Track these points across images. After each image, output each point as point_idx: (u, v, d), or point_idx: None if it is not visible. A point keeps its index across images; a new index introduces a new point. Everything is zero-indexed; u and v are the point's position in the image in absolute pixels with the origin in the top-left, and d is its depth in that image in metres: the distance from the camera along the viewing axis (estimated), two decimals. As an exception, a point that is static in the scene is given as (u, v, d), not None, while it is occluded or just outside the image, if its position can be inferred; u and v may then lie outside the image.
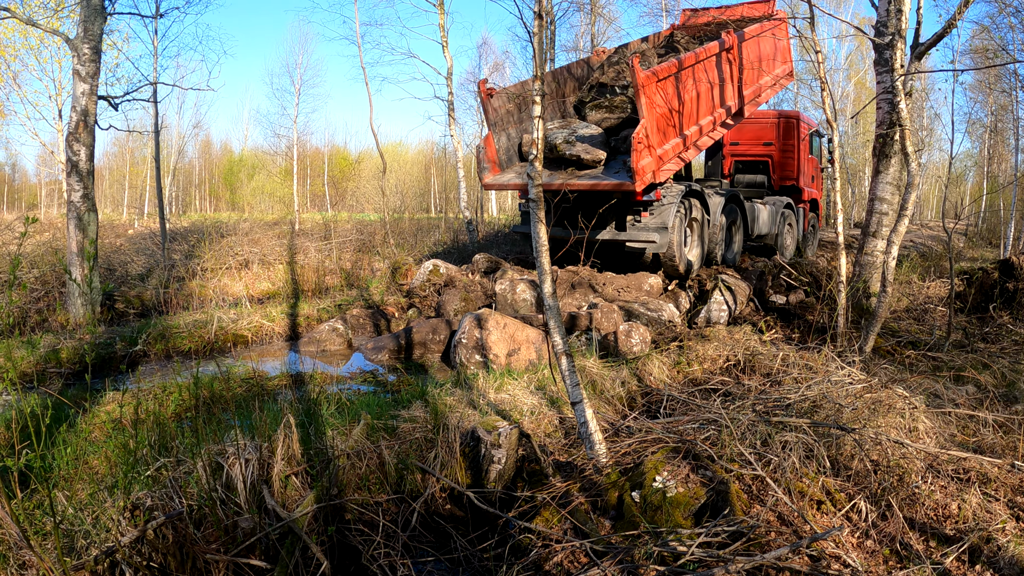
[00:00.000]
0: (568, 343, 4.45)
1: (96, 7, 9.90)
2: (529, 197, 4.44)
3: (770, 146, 15.79)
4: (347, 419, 5.32)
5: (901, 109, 8.23)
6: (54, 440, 4.97)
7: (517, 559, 3.89)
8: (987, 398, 6.59)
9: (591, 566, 3.63)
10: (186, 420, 5.87)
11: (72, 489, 4.28)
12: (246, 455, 4.18)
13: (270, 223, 21.60)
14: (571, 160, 10.23)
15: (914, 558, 3.84)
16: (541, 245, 4.40)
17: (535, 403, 6.00)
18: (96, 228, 10.41)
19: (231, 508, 3.95)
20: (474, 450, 4.81)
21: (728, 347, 8.17)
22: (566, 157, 10.21)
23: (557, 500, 4.31)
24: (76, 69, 10.01)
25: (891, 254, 8.12)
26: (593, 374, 6.92)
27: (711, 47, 10.92)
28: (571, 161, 10.25)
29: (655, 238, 10.45)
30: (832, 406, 5.53)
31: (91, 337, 8.92)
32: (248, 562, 3.71)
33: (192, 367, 8.20)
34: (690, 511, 4.02)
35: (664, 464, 4.21)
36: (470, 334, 7.80)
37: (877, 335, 8.31)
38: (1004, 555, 3.86)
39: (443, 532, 4.52)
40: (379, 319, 10.19)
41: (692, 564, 3.55)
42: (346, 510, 4.40)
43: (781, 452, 4.71)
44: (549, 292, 4.40)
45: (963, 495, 4.42)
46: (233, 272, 13.37)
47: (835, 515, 4.35)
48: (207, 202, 49.41)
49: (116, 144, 38.65)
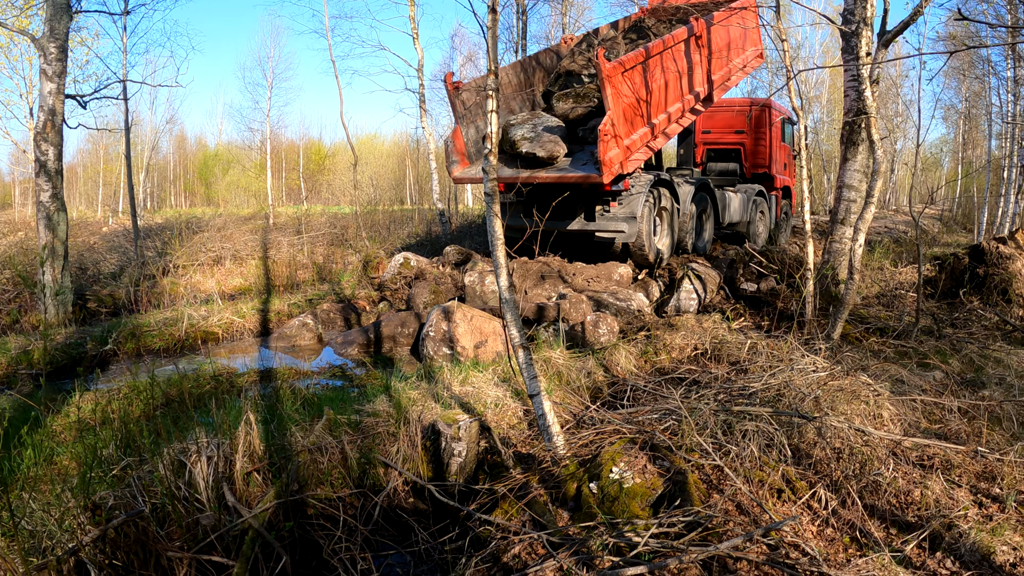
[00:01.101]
0: (525, 336, 4.48)
1: (61, 5, 9.78)
2: (485, 192, 4.46)
3: (742, 134, 15.88)
4: (310, 415, 5.35)
5: (866, 97, 8.30)
6: (22, 442, 4.96)
7: (476, 551, 3.93)
8: (953, 384, 6.70)
9: (548, 557, 3.67)
10: (154, 419, 5.85)
11: (39, 490, 4.30)
12: (208, 453, 4.20)
13: (245, 218, 21.49)
14: (527, 157, 10.19)
15: (874, 545, 3.88)
16: (496, 239, 4.43)
17: (499, 395, 6.03)
18: (66, 227, 10.32)
19: (194, 506, 3.98)
20: (435, 444, 4.85)
21: (696, 336, 8.21)
22: (522, 154, 10.18)
23: (516, 492, 4.36)
24: (43, 68, 9.90)
25: (858, 241, 8.19)
26: (559, 365, 6.95)
27: (678, 34, 10.92)
28: (528, 158, 10.22)
29: (624, 228, 10.49)
30: (795, 394, 5.56)
31: (62, 337, 8.87)
32: (210, 559, 3.74)
33: (162, 365, 8.20)
34: (647, 502, 4.07)
35: (621, 455, 4.27)
36: (437, 327, 7.82)
37: (846, 322, 8.39)
38: (965, 542, 3.90)
39: (406, 525, 4.55)
40: (350, 313, 10.19)
41: (647, 555, 3.60)
42: (308, 505, 4.42)
43: (741, 441, 4.75)
44: (505, 286, 4.43)
45: (926, 482, 4.47)
46: (205, 268, 13.31)
47: (795, 503, 4.39)
48: (182, 198, 48.92)
49: (90, 141, 38.23)
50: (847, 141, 9.79)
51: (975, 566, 3.72)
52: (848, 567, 3.70)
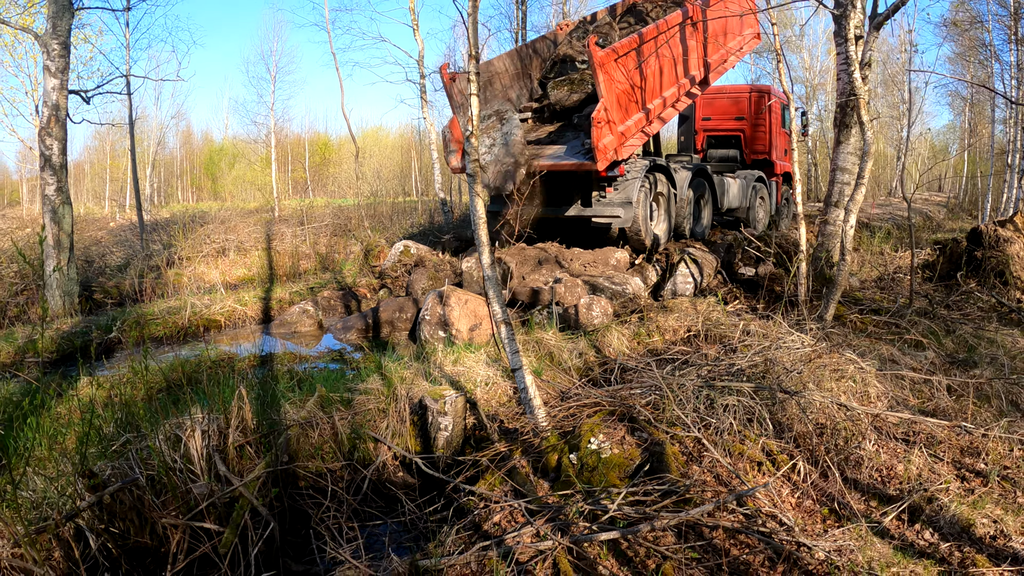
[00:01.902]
0: (508, 313, 4.61)
1: (63, 3, 9.95)
2: (467, 172, 4.59)
3: (742, 120, 15.92)
4: (304, 393, 5.50)
5: (856, 79, 8.35)
6: (29, 423, 5.13)
7: (459, 520, 4.06)
8: (945, 363, 6.78)
9: (526, 524, 3.81)
10: (155, 400, 6.03)
11: (42, 465, 4.47)
12: (202, 427, 4.36)
13: (251, 211, 21.71)
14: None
15: (852, 517, 3.97)
16: (479, 218, 4.55)
17: (490, 374, 6.16)
18: (71, 220, 10.52)
19: (188, 477, 4.13)
20: (422, 419, 5.00)
21: (689, 318, 8.32)
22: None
23: (499, 464, 4.50)
24: (46, 65, 10.08)
25: (849, 223, 8.25)
26: (551, 346, 7.09)
27: (672, 18, 10.96)
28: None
29: (619, 213, 10.58)
30: (778, 371, 5.67)
31: (67, 327, 9.06)
32: (202, 525, 3.89)
33: (165, 352, 8.39)
34: (625, 472, 4.19)
35: (600, 427, 4.40)
36: (433, 311, 7.96)
37: (841, 304, 8.46)
38: (945, 514, 3.98)
39: (394, 498, 4.70)
40: (350, 300, 10.35)
41: (621, 521, 3.73)
42: (299, 477, 4.58)
43: (722, 415, 4.85)
44: (487, 263, 4.56)
45: (909, 456, 4.56)
46: (209, 260, 13.50)
47: (775, 476, 4.49)
48: (189, 192, 49.28)
49: (96, 138, 38.56)
50: (840, 124, 9.86)
51: (954, 538, 3.80)
52: (825, 536, 3.80)
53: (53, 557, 3.71)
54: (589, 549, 3.59)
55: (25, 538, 3.44)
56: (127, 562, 3.82)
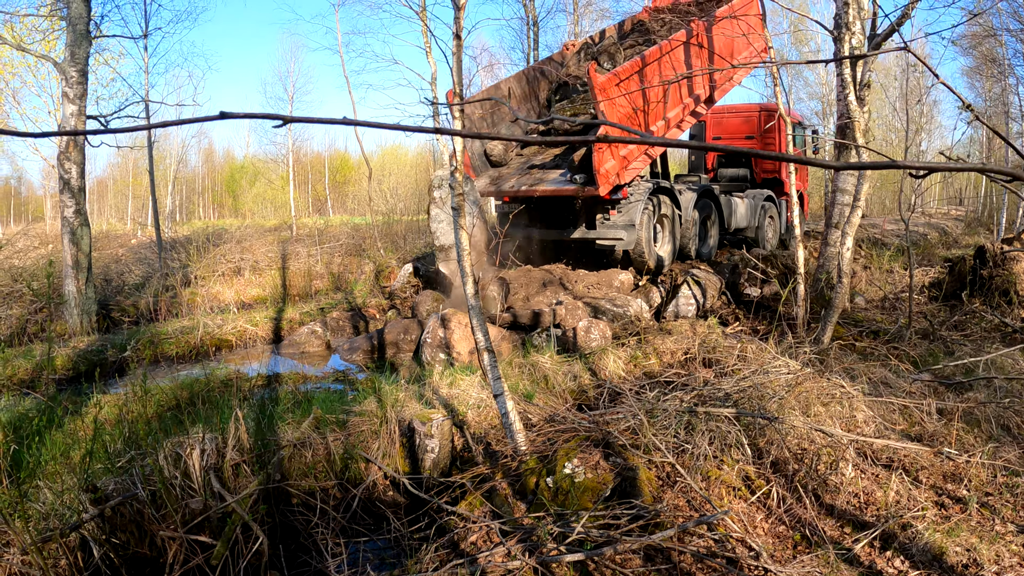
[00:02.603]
0: (490, 341, 4.80)
1: (81, 32, 10.36)
2: (451, 207, 4.80)
3: (752, 140, 16.00)
4: (303, 414, 5.72)
5: (851, 102, 8.47)
6: (43, 440, 5.41)
7: (439, 538, 4.25)
8: (940, 386, 6.80)
9: (499, 545, 3.98)
10: (165, 419, 6.28)
11: (53, 480, 4.73)
12: (201, 446, 4.60)
13: (269, 229, 22.08)
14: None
15: (824, 543, 4.03)
16: (462, 250, 4.76)
17: (483, 397, 6.34)
18: (89, 241, 10.88)
19: (187, 492, 4.38)
20: (411, 440, 5.19)
21: (687, 340, 8.44)
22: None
23: (480, 485, 4.68)
24: (64, 91, 10.48)
25: (845, 244, 8.34)
26: (546, 369, 7.25)
27: (676, 38, 11.07)
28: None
29: (623, 235, 10.72)
30: (760, 396, 5.76)
31: (84, 345, 9.38)
32: (197, 538, 4.12)
33: (177, 371, 8.66)
34: (599, 496, 4.35)
35: (576, 452, 4.56)
36: (434, 333, 8.16)
37: (840, 325, 8.53)
38: (918, 541, 4.01)
39: (383, 516, 4.90)
40: (358, 321, 10.59)
41: (589, 544, 3.89)
42: (291, 495, 4.79)
43: (699, 441, 4.96)
44: (471, 293, 4.76)
45: (888, 482, 4.62)
46: (225, 279, 13.83)
47: (749, 501, 4.59)
48: (211, 210, 50.17)
49: (120, 155, 39.39)
50: (839, 145, 9.96)
51: (925, 566, 3.84)
52: (792, 563, 3.90)
53: (59, 565, 3.98)
54: (557, 570, 3.75)
55: (32, 546, 3.68)
56: (127, 572, 4.06)
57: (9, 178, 45.87)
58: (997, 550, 3.94)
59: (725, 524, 4.16)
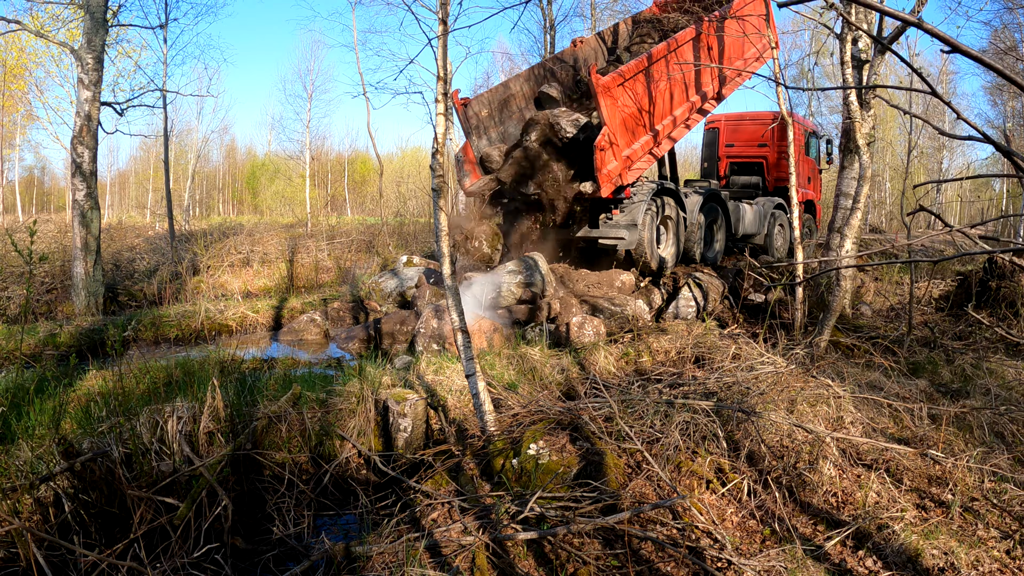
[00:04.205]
0: (465, 322, 4.83)
1: (99, 20, 10.57)
2: (432, 188, 4.84)
3: (765, 147, 15.94)
4: (283, 391, 5.79)
5: (851, 103, 8.43)
6: (35, 407, 5.54)
7: (402, 514, 4.28)
8: (936, 392, 6.74)
9: (458, 522, 4.00)
10: (159, 392, 6.38)
11: (41, 443, 4.84)
12: (179, 414, 4.70)
13: (286, 226, 22.31)
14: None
15: (795, 539, 4.00)
16: (441, 231, 4.79)
17: (466, 384, 6.35)
18: (99, 225, 11.07)
19: (162, 457, 4.47)
20: (385, 419, 5.23)
21: (682, 340, 8.42)
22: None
23: (450, 465, 4.70)
24: (80, 77, 10.70)
25: (844, 248, 8.29)
26: (535, 361, 7.26)
27: (682, 36, 11.00)
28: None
29: (624, 235, 10.69)
30: (749, 391, 5.75)
31: (87, 324, 9.55)
32: (164, 500, 4.20)
33: (176, 352, 8.78)
34: (564, 479, 4.36)
35: (543, 434, 4.58)
36: (428, 324, 8.21)
37: (839, 331, 8.46)
38: (894, 543, 3.98)
39: (354, 492, 4.94)
40: (359, 312, 10.67)
41: (545, 524, 3.90)
42: (264, 466, 4.85)
43: (672, 431, 4.94)
44: (448, 273, 4.80)
45: (867, 482, 4.59)
46: (235, 270, 13.99)
47: (720, 493, 4.57)
48: (230, 205, 50.77)
49: (142, 149, 40.04)
50: (844, 149, 9.91)
51: (898, 567, 3.80)
52: (758, 556, 3.87)
53: (32, 519, 4.09)
54: (512, 548, 3.77)
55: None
56: (97, 528, 4.16)
57: (32, 167, 46.75)
58: (977, 555, 3.90)
59: (692, 515, 4.14)
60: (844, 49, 8.50)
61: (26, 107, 22.97)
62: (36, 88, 19.60)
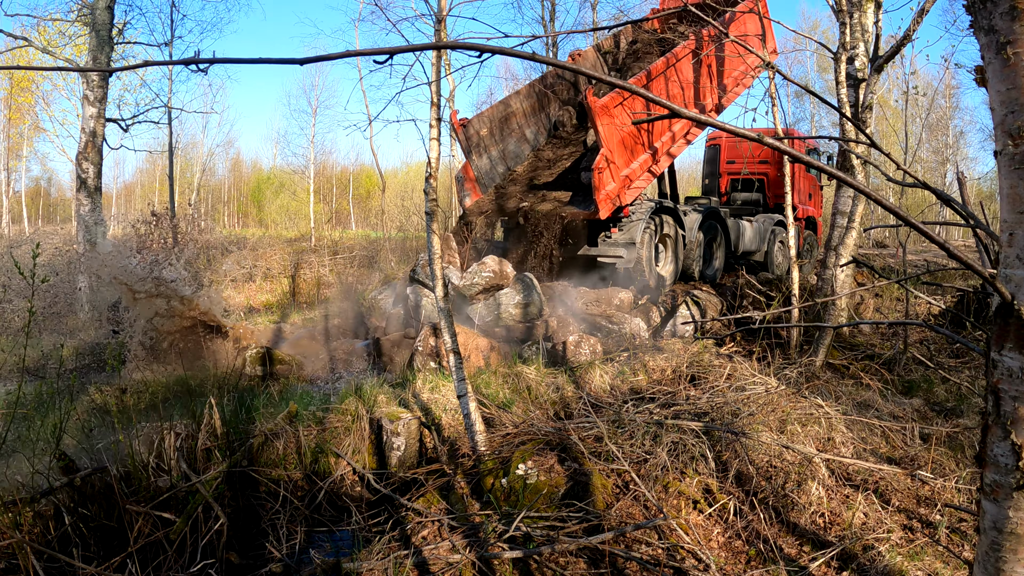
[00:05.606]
0: (457, 343, 4.92)
1: (104, 38, 10.76)
2: (425, 211, 4.94)
3: (765, 164, 16.04)
4: (282, 409, 5.88)
5: (844, 123, 8.52)
6: (35, 421, 5.66)
7: (393, 531, 4.37)
8: (930, 411, 6.79)
9: (446, 540, 4.09)
10: (160, 407, 6.49)
11: (41, 458, 4.95)
12: (177, 430, 4.80)
13: (289, 240, 22.46)
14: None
15: (781, 559, 4.07)
16: (434, 254, 4.90)
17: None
18: (104, 239, 11.21)
19: (160, 473, 4.58)
20: (379, 437, 5.32)
21: (678, 358, 8.48)
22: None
23: (441, 484, 4.79)
24: (85, 94, 10.88)
25: (839, 265, 8.36)
26: (531, 380, 7.34)
27: (680, 50, 11.11)
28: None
29: (623, 253, 10.78)
30: (739, 412, 5.81)
31: (91, 337, 9.66)
32: (161, 514, 4.30)
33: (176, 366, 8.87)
34: (551, 499, 4.44)
35: (531, 454, 4.66)
36: (425, 342, 8.29)
37: (835, 349, 8.51)
38: (878, 563, 4.03)
39: (348, 509, 5.03)
40: (359, 328, 10.76)
41: (531, 543, 3.98)
42: (259, 483, 4.94)
43: (660, 452, 5.01)
44: (440, 296, 4.89)
45: (855, 503, 4.65)
46: (238, 284, 14.11)
47: (707, 513, 4.63)
48: (235, 219, 51.03)
49: (148, 161, 40.36)
50: (840, 167, 9.97)
51: None
52: None
53: (33, 532, 4.19)
54: (498, 567, 3.85)
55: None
56: (96, 542, 4.25)
57: (39, 178, 47.03)
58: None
59: (677, 535, 4.20)
60: (839, 69, 8.60)
61: (33, 119, 23.26)
62: (43, 101, 19.86)
